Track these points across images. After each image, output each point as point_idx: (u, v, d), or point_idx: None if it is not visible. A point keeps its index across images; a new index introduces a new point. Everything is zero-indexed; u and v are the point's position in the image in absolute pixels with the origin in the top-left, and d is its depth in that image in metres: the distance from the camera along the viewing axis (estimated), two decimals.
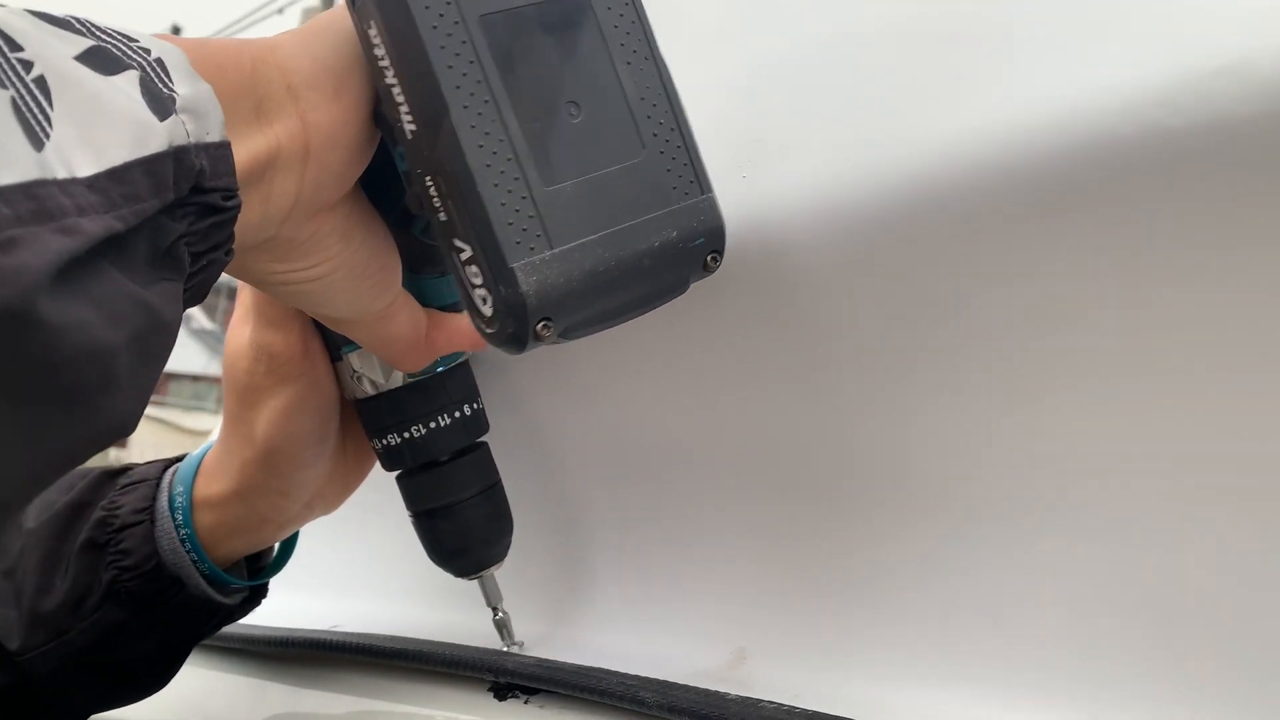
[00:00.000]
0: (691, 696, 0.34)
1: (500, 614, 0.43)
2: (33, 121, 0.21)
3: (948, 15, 0.33)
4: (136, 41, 0.25)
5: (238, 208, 0.26)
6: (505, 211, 0.29)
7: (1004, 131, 0.29)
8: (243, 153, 0.27)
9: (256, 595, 0.46)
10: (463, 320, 0.38)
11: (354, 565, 0.53)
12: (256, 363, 0.41)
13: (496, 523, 0.42)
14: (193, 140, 0.25)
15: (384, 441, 0.41)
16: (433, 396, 0.41)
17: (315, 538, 0.53)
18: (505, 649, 0.43)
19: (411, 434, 0.41)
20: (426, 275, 0.38)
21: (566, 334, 0.30)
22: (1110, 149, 0.27)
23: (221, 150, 0.26)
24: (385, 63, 0.29)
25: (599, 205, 0.30)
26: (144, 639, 0.43)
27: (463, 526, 0.41)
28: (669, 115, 0.32)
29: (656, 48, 0.32)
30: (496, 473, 0.42)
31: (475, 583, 0.43)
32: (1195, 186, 0.26)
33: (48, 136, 0.22)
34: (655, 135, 0.31)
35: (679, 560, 0.41)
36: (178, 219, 0.25)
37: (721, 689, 0.34)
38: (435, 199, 0.29)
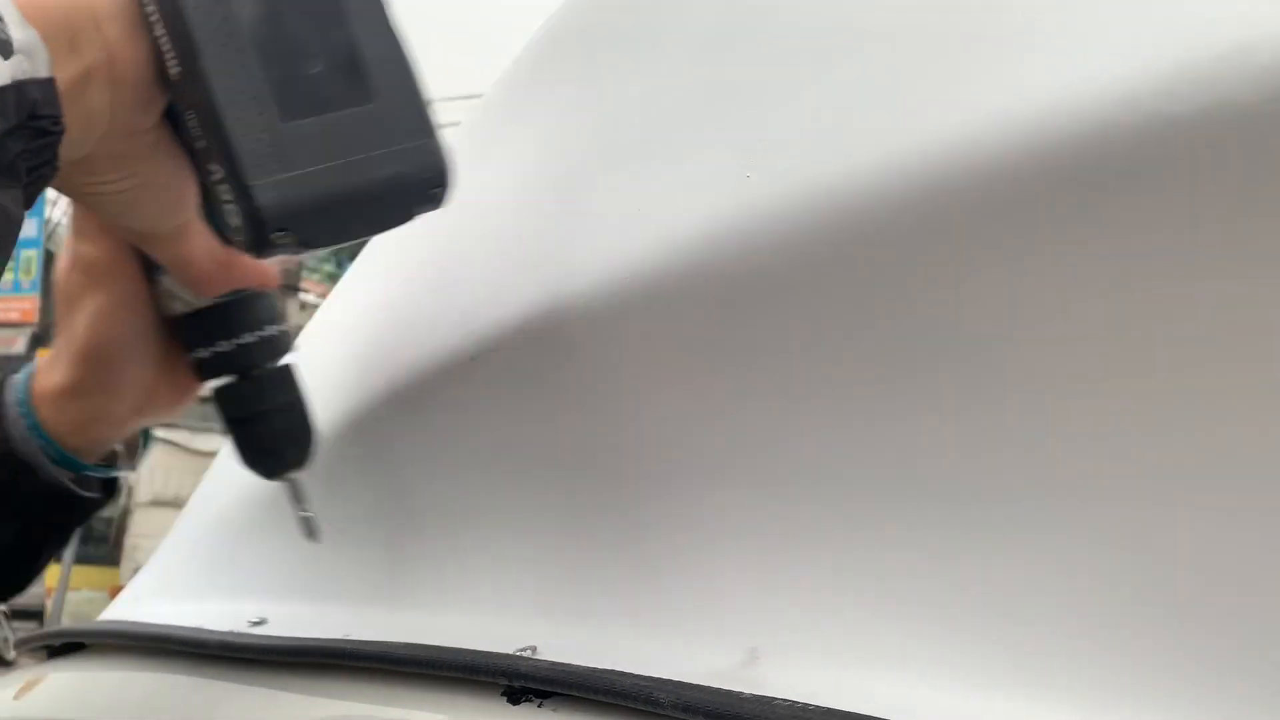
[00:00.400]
0: (705, 696, 0.34)
1: (308, 514, 0.49)
2: None
3: (938, 10, 0.33)
4: None
5: (63, 131, 0.33)
6: (247, 140, 0.35)
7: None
8: (62, 79, 0.33)
9: (109, 488, 0.51)
10: (246, 260, 0.44)
11: (363, 572, 0.53)
12: (74, 270, 0.47)
13: (301, 430, 0.48)
14: (28, 77, 0.32)
15: (197, 355, 0.48)
16: (238, 317, 0.47)
17: (318, 547, 0.53)
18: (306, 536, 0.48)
19: (221, 348, 0.47)
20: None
21: (305, 244, 0.37)
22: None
23: (49, 85, 0.33)
24: (155, 17, 0.36)
25: (332, 141, 0.37)
26: (2, 528, 0.48)
27: (270, 432, 0.48)
28: (400, 72, 0.38)
29: (393, 18, 0.39)
30: (300, 389, 0.48)
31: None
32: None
33: None
34: (387, 88, 0.38)
35: (688, 559, 0.41)
36: (16, 139, 0.32)
37: (735, 689, 0.34)
38: (195, 130, 0.36)
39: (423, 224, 0.40)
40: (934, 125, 0.31)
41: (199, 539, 0.66)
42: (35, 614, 10.75)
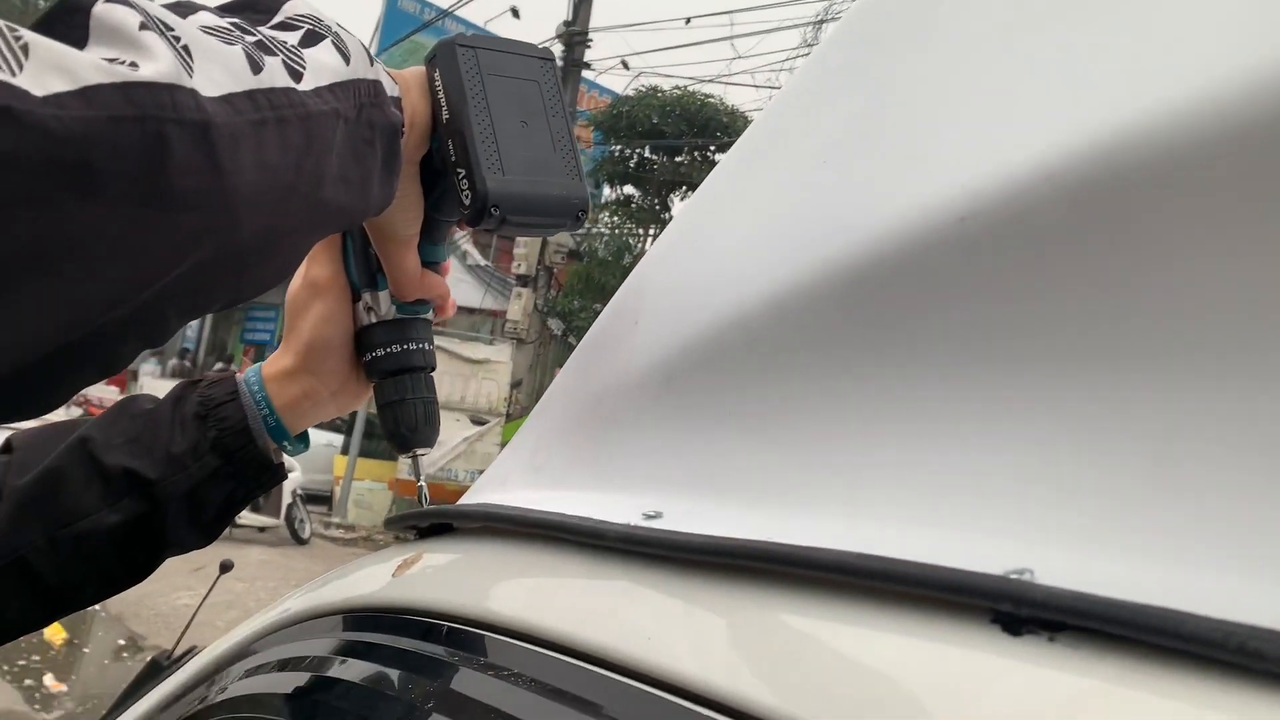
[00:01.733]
0: None
1: (422, 484, 0.72)
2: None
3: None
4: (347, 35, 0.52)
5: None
6: (483, 155, 0.58)
7: None
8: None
9: (279, 472, 0.68)
10: (439, 279, 0.68)
11: (781, 471, 0.47)
12: (304, 287, 0.68)
13: (431, 419, 0.69)
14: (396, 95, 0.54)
15: (372, 354, 0.68)
16: (406, 329, 0.68)
17: (724, 440, 0.48)
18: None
19: (389, 350, 0.68)
20: (427, 239, 0.66)
21: (503, 222, 0.59)
22: None
23: (399, 104, 0.54)
24: (438, 85, 0.59)
25: (530, 166, 0.59)
26: (221, 486, 0.64)
27: (409, 417, 0.68)
28: (567, 140, 0.62)
29: (566, 110, 0.63)
30: (433, 391, 0.69)
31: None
32: None
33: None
34: (559, 141, 0.62)
35: (1232, 455, 0.32)
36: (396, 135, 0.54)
37: None
38: (451, 152, 0.59)
39: (836, 93, 0.35)
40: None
41: (570, 426, 0.63)
42: (324, 499, 11.86)
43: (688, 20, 12.54)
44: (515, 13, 12.47)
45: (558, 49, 11.37)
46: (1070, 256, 0.34)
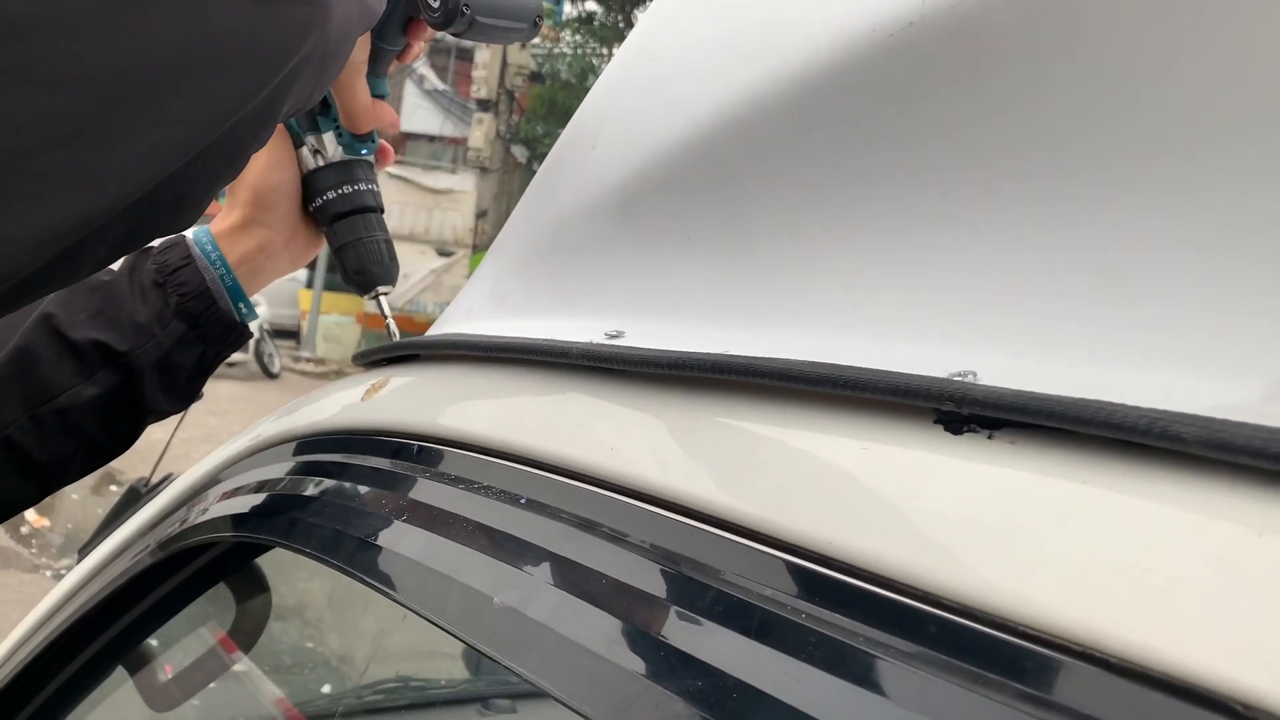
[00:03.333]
0: (1250, 433, 0.28)
1: (390, 321, 0.72)
2: None
3: None
4: None
5: None
6: None
7: None
8: None
9: (246, 331, 0.69)
10: (387, 105, 0.69)
11: (737, 288, 0.48)
12: None
13: (389, 257, 0.69)
14: None
15: (322, 198, 0.68)
16: (354, 170, 0.68)
17: (681, 263, 0.49)
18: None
19: (340, 191, 0.68)
20: (373, 73, 0.66)
21: (470, 25, 0.60)
22: None
23: None
24: None
25: None
26: (190, 350, 0.66)
27: (367, 254, 0.68)
28: None
29: None
30: (385, 229, 0.70)
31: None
32: None
33: None
34: None
35: (1176, 277, 0.34)
36: None
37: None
38: None
39: None
40: None
41: (531, 255, 0.63)
42: (292, 333, 11.86)
43: None
44: None
45: None
46: (1013, 62, 0.34)
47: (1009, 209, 0.37)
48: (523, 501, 0.46)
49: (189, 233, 0.69)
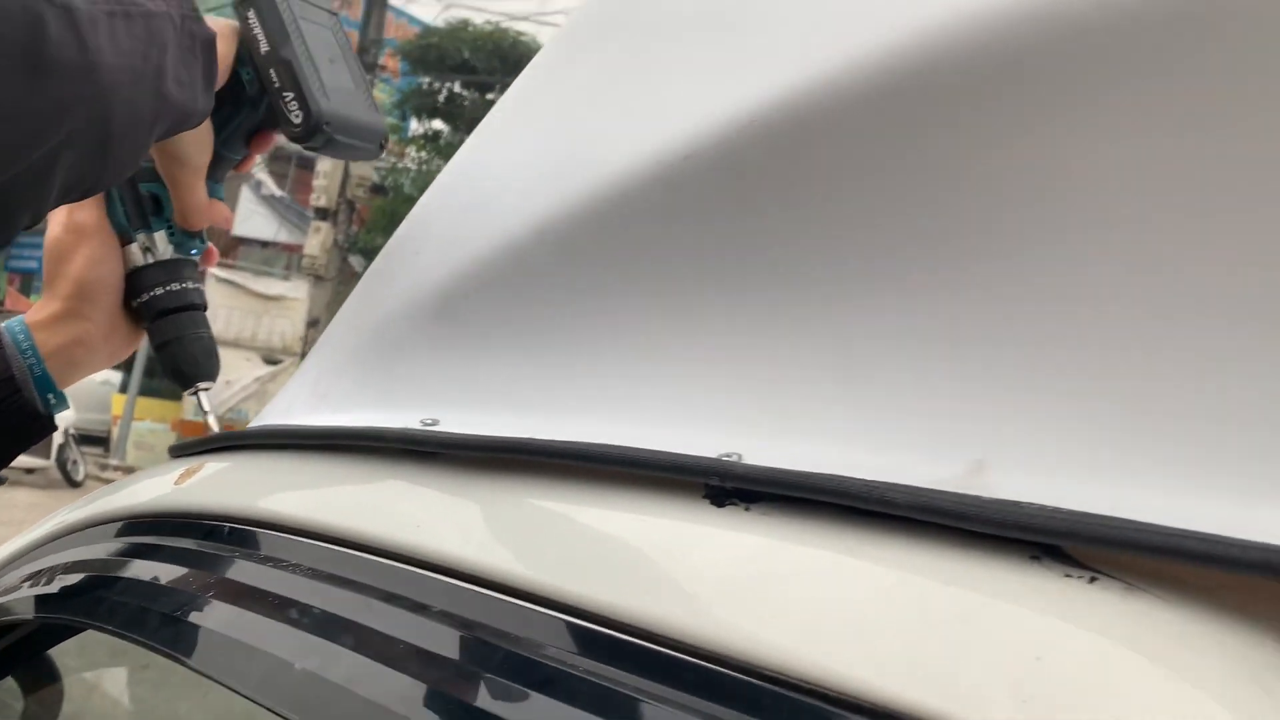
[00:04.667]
0: (947, 499, 0.34)
1: (209, 414, 0.71)
2: None
3: None
4: None
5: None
6: (312, 78, 0.63)
7: None
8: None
9: (50, 423, 0.66)
10: (224, 206, 0.70)
11: (543, 381, 0.53)
12: (67, 231, 0.67)
13: (209, 355, 0.70)
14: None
15: (149, 294, 0.69)
16: (182, 269, 0.70)
17: (492, 357, 0.53)
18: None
19: (168, 288, 0.69)
20: (212, 178, 0.68)
21: (329, 142, 0.64)
22: None
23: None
24: (255, 22, 0.64)
25: (345, 95, 0.65)
26: None
27: (188, 354, 0.69)
28: (364, 81, 0.68)
29: (356, 55, 0.70)
30: (209, 327, 0.71)
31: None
32: None
33: None
34: (360, 83, 0.68)
35: (904, 371, 0.40)
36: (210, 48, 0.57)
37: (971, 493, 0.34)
38: (275, 78, 0.63)
39: (596, 43, 0.41)
40: None
41: (353, 355, 0.66)
42: (101, 439, 11.18)
43: None
44: None
45: None
46: (769, 194, 0.41)
47: (763, 314, 0.43)
48: (331, 578, 0.49)
49: (9, 299, 0.69)
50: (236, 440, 0.66)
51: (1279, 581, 0.29)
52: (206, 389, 0.72)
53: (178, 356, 0.69)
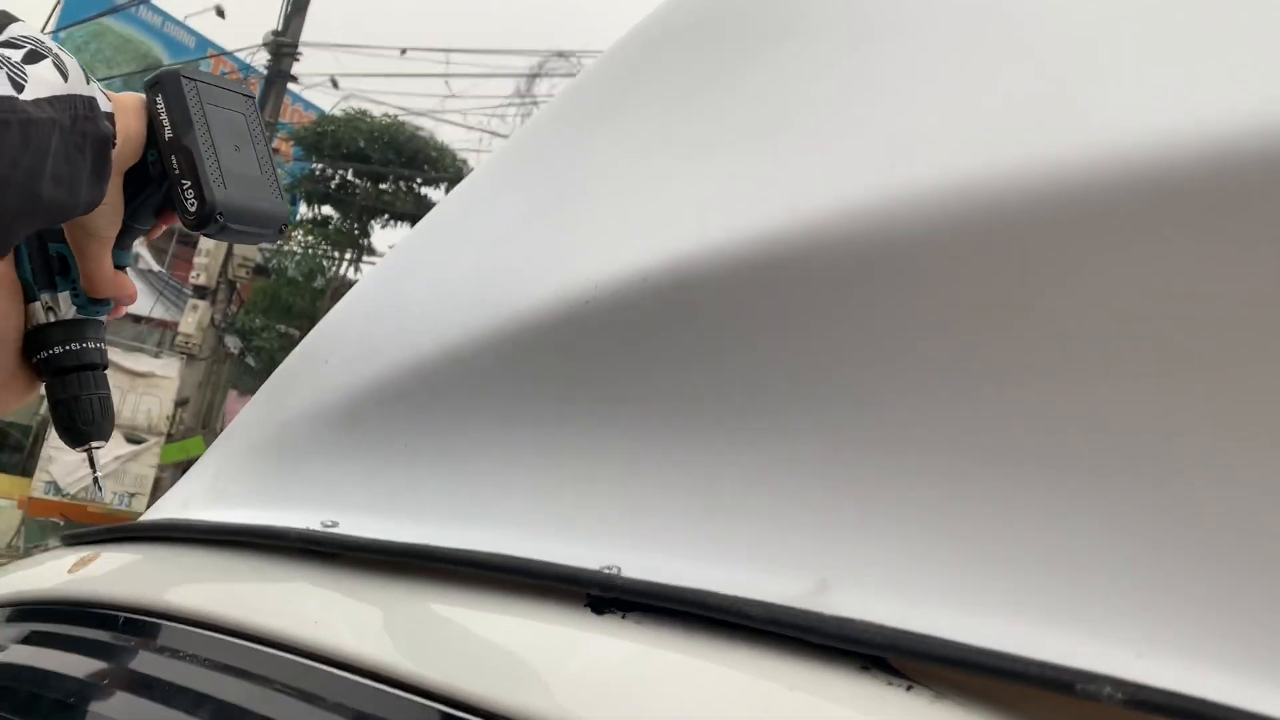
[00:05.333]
0: (793, 614, 0.39)
1: (98, 476, 0.70)
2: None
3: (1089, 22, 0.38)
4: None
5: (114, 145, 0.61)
6: (210, 167, 0.64)
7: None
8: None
9: None
10: (128, 279, 0.70)
11: (438, 490, 0.57)
12: None
13: (104, 416, 0.70)
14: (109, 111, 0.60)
15: (49, 351, 0.69)
16: (85, 329, 0.70)
17: (391, 465, 0.58)
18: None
19: (68, 348, 0.69)
20: (119, 246, 0.69)
21: (223, 229, 0.65)
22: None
23: (108, 115, 0.60)
24: (161, 107, 0.65)
25: (246, 183, 0.66)
26: None
27: (83, 413, 0.69)
28: (270, 166, 0.69)
29: (266, 138, 0.71)
30: (108, 387, 0.70)
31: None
32: None
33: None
34: (266, 170, 0.69)
35: (760, 496, 0.46)
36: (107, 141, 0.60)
37: (815, 610, 0.40)
38: (175, 165, 0.64)
39: (521, 176, 0.48)
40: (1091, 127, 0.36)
41: (254, 454, 0.70)
42: None
43: (403, 51, 12.51)
44: (220, 12, 11.88)
45: (264, 58, 10.94)
46: (647, 338, 0.48)
47: (646, 444, 0.49)
48: (229, 669, 0.51)
49: None
50: (133, 532, 0.68)
51: (1058, 694, 0.36)
52: (99, 448, 0.73)
53: (74, 414, 0.70)
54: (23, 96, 0.55)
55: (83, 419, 0.70)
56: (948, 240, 0.39)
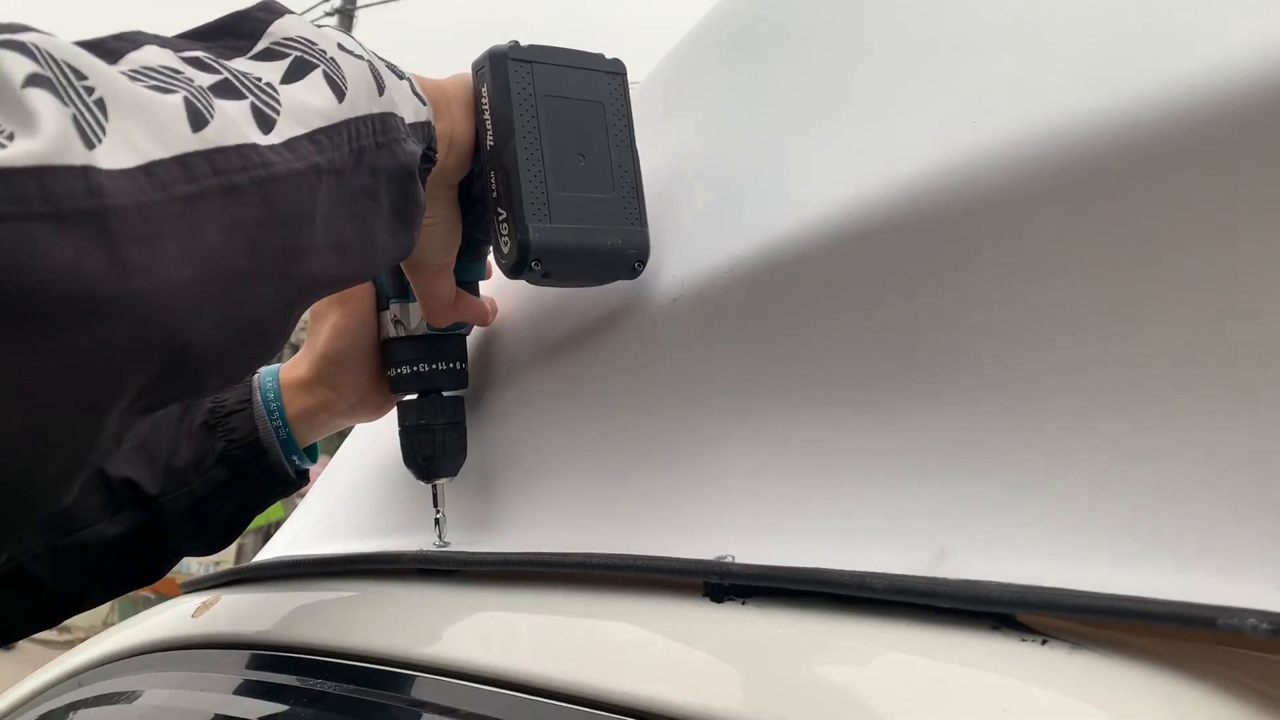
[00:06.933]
0: (918, 581, 0.40)
1: (440, 514, 0.62)
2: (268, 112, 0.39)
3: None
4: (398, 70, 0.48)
5: (436, 162, 0.50)
6: (530, 196, 0.50)
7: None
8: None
9: (301, 479, 0.65)
10: (477, 300, 0.62)
11: (547, 503, 0.59)
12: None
13: (457, 447, 0.62)
14: (428, 119, 0.49)
15: (395, 370, 0.62)
16: (434, 347, 0.62)
17: (496, 488, 0.59)
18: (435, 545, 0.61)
19: (417, 369, 0.61)
20: (465, 259, 0.59)
21: (546, 275, 0.52)
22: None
23: (433, 129, 0.49)
24: (485, 105, 0.52)
25: (583, 211, 0.52)
26: (228, 499, 0.62)
27: (433, 443, 0.61)
28: (631, 175, 0.54)
29: (634, 138, 0.55)
30: (461, 414, 0.63)
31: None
32: None
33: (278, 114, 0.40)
34: (621, 183, 0.53)
35: (874, 471, 0.47)
36: (425, 162, 0.49)
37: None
38: (494, 184, 0.51)
39: None
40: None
41: (358, 488, 0.71)
42: None
43: None
44: None
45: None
46: (745, 328, 0.48)
47: (751, 437, 0.50)
48: (357, 694, 0.53)
49: (260, 371, 0.65)
50: (250, 573, 0.70)
51: (1195, 631, 0.36)
52: (444, 484, 0.63)
53: (415, 447, 0.62)
54: (268, 140, 0.38)
55: (422, 452, 0.61)
56: (1045, 192, 0.39)
